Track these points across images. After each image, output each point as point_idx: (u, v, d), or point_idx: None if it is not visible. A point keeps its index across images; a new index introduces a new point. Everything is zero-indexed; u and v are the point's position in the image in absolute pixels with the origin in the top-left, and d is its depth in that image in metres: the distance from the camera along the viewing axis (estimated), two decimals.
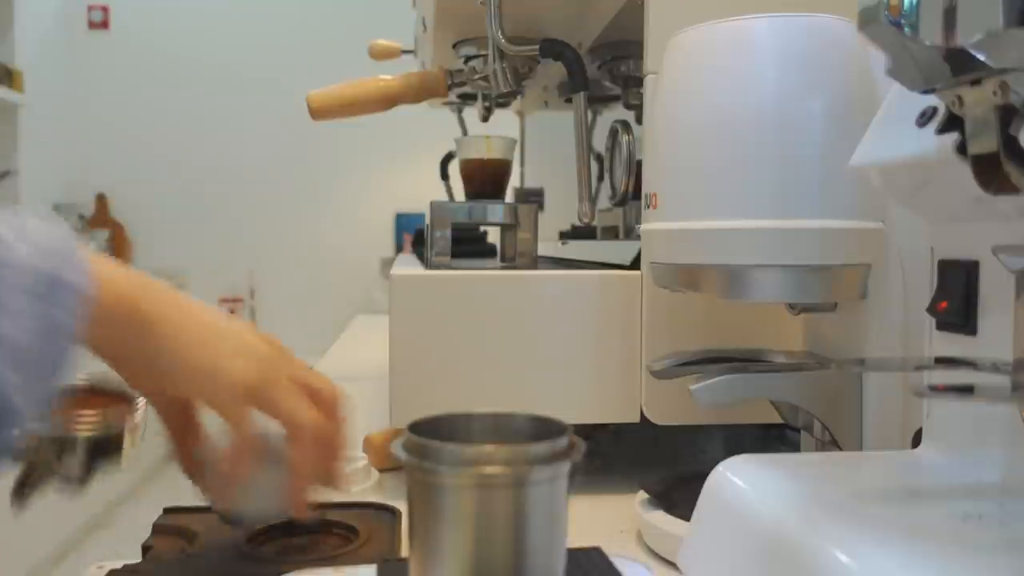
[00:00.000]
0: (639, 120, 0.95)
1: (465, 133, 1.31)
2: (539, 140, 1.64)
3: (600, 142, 1.09)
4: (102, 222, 3.61)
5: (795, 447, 0.63)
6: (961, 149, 0.36)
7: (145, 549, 0.55)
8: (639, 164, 0.76)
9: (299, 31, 3.24)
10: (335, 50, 2.28)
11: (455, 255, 0.81)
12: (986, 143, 0.34)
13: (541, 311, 0.69)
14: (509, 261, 0.82)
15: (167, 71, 3.67)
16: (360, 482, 0.72)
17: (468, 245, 1.24)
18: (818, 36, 0.53)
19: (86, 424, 0.46)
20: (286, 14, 3.48)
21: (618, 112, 1.11)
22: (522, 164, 1.70)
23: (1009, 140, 0.33)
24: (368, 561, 0.48)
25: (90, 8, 3.69)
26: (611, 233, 1.04)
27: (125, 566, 0.51)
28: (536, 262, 0.80)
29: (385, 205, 3.74)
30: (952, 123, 0.36)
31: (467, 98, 1.14)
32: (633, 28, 0.71)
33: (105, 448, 0.46)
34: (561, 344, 0.69)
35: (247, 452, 0.47)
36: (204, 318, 0.49)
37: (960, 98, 0.35)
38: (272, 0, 3.63)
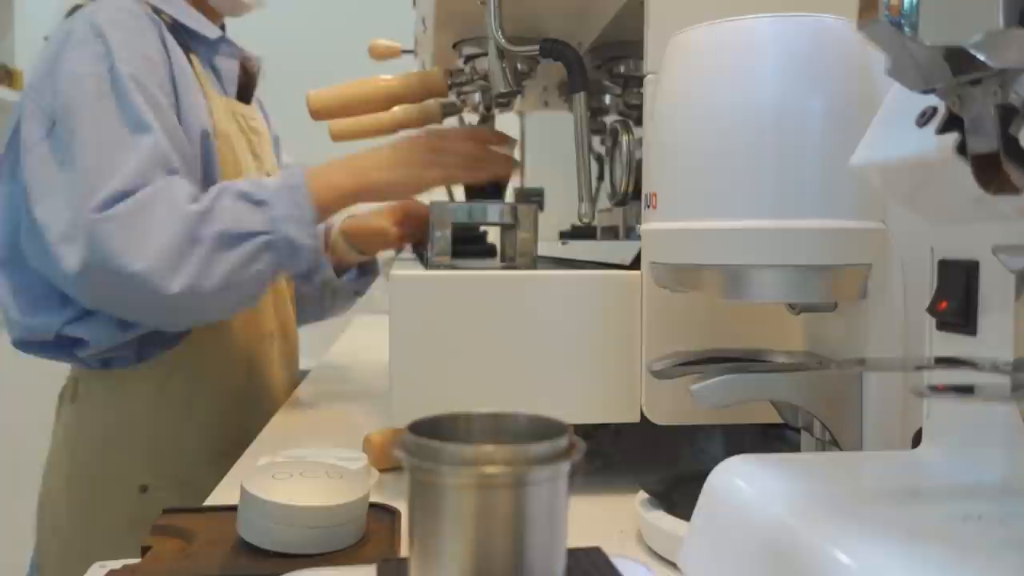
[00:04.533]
0: (639, 120, 0.95)
1: None
2: (539, 140, 1.64)
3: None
4: None
5: (795, 447, 0.63)
6: (961, 149, 0.36)
7: (145, 549, 0.55)
8: (639, 164, 0.76)
9: (299, 31, 3.24)
10: (335, 50, 2.28)
11: (455, 255, 0.81)
12: (986, 143, 0.34)
13: (541, 311, 0.69)
14: (509, 261, 0.82)
15: None
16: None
17: (468, 245, 1.24)
18: (818, 36, 0.53)
19: None
20: (286, 14, 3.48)
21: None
22: (522, 164, 1.69)
23: (1009, 140, 0.33)
24: (368, 561, 0.48)
25: None
26: (611, 233, 1.04)
27: (125, 566, 0.51)
28: (535, 262, 0.80)
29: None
30: (952, 123, 0.36)
31: (466, 95, 1.14)
32: (633, 28, 0.71)
33: None
34: (561, 344, 0.69)
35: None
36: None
37: (960, 98, 0.35)
38: (272, 0, 3.64)
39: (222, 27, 1.20)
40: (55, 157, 0.93)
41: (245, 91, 1.21)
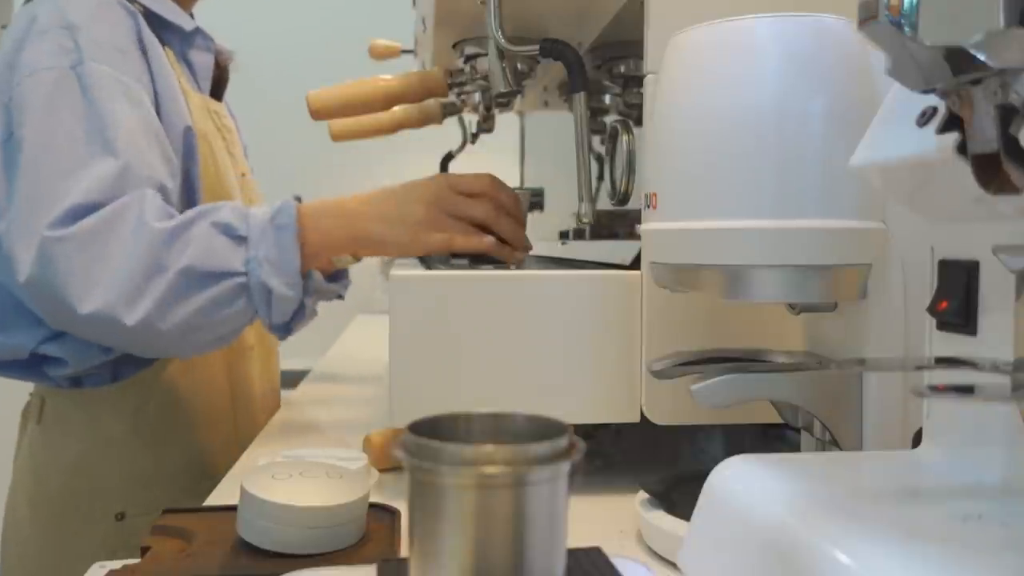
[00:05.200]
0: (639, 120, 0.95)
1: (465, 134, 1.31)
2: (539, 140, 1.64)
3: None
4: None
5: (795, 447, 0.63)
6: (961, 149, 0.36)
7: (144, 549, 0.55)
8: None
9: (299, 31, 3.24)
10: (335, 50, 2.28)
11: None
12: (986, 143, 0.34)
13: (541, 311, 0.69)
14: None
15: None
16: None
17: None
18: (818, 36, 0.53)
19: None
20: (286, 14, 3.49)
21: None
22: (522, 164, 1.70)
23: (1009, 140, 0.33)
24: (368, 561, 0.48)
25: None
26: (599, 233, 1.05)
27: (125, 566, 0.51)
28: (527, 256, 0.80)
29: None
30: (952, 123, 0.36)
31: (466, 95, 1.14)
32: (633, 28, 0.71)
33: None
34: (561, 344, 0.69)
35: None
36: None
37: (960, 98, 0.35)
38: (272, 0, 3.64)
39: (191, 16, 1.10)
40: (16, 160, 0.83)
41: (217, 87, 1.13)
